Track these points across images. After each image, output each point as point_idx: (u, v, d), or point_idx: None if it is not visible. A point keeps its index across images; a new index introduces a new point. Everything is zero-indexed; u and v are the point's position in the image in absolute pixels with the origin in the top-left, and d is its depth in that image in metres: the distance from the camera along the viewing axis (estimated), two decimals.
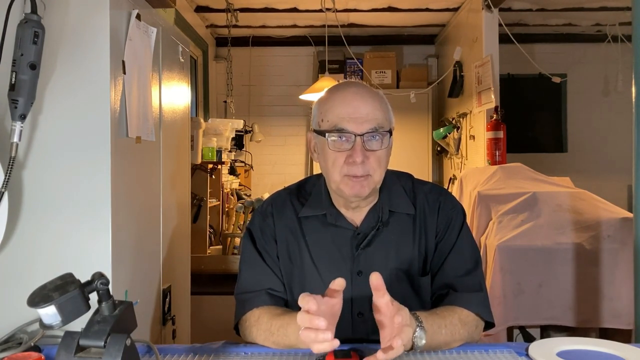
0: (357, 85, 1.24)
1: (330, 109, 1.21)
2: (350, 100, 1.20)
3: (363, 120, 1.18)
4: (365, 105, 1.19)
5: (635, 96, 1.62)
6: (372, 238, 1.27)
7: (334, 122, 1.19)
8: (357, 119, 1.18)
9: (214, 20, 4.83)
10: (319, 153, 1.27)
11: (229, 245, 3.48)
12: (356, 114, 1.18)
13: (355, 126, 1.18)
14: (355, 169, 1.18)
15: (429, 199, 1.32)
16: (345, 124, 1.18)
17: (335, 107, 1.21)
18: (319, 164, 1.29)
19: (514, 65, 4.74)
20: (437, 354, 1.14)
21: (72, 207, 1.32)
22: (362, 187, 1.20)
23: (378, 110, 1.20)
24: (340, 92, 1.23)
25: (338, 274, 1.26)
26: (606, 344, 1.17)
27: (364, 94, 1.21)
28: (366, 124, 1.18)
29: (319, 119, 1.24)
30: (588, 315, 2.39)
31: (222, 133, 3.58)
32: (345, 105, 1.19)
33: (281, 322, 1.16)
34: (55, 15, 1.30)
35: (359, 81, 1.31)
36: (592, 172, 5.00)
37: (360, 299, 1.24)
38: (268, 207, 1.35)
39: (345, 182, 1.20)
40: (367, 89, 1.24)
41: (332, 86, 1.30)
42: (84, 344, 0.93)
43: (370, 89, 1.25)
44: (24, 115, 1.23)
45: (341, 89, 1.24)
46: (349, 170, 1.19)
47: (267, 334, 1.18)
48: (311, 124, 1.30)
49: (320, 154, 1.26)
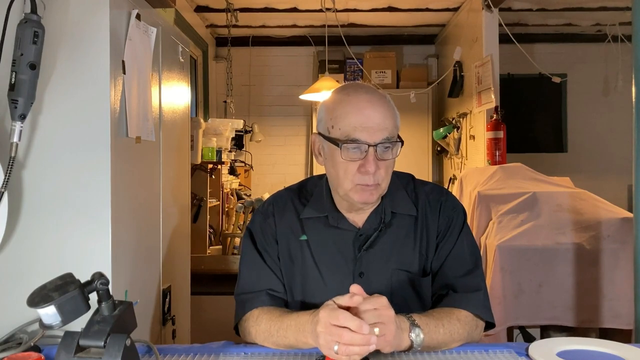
0: (367, 91, 1.22)
1: (341, 117, 1.19)
2: (363, 108, 1.18)
3: (376, 130, 1.17)
4: (377, 114, 1.18)
5: (635, 96, 1.62)
6: (374, 240, 1.27)
7: (346, 131, 1.17)
8: (370, 128, 1.16)
9: (214, 20, 4.83)
10: (326, 158, 1.26)
11: (229, 245, 3.48)
12: (369, 123, 1.16)
13: (368, 136, 1.16)
14: (368, 179, 1.18)
15: (430, 200, 1.32)
16: (358, 135, 1.16)
17: (347, 115, 1.18)
18: (325, 168, 1.28)
19: (514, 65, 4.74)
20: (437, 354, 1.14)
21: (72, 207, 1.32)
22: (372, 195, 1.20)
23: (389, 118, 1.19)
24: (352, 99, 1.20)
25: (340, 276, 1.27)
26: (606, 344, 1.17)
27: (375, 101, 1.19)
28: (379, 133, 1.17)
29: (329, 124, 1.21)
30: (588, 315, 2.39)
31: (222, 133, 3.58)
32: (358, 114, 1.17)
33: (281, 323, 1.16)
34: (55, 15, 1.30)
35: (367, 84, 1.29)
36: (592, 172, 5.00)
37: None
38: (269, 207, 1.35)
39: (356, 190, 1.20)
40: (377, 95, 1.22)
41: (340, 88, 1.27)
42: (84, 344, 0.93)
43: (380, 93, 1.23)
44: (24, 115, 1.23)
45: (352, 94, 1.21)
46: (360, 179, 1.19)
47: (267, 334, 1.18)
48: (316, 127, 1.28)
49: (328, 160, 1.25)
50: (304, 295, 1.29)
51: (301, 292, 1.29)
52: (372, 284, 1.24)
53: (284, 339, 1.15)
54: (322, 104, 1.27)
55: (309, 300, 1.28)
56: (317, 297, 1.24)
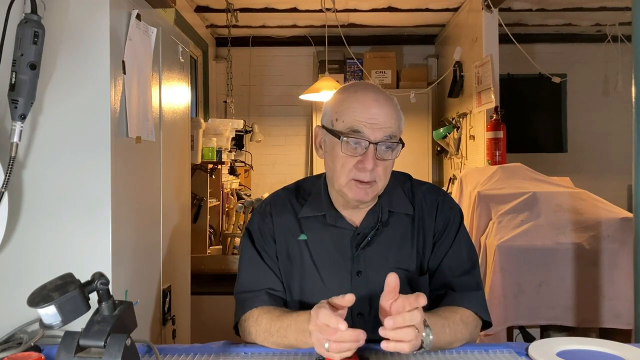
0: (375, 91, 1.23)
1: (347, 111, 1.20)
2: (369, 106, 1.19)
3: (379, 128, 1.18)
4: (382, 113, 1.19)
5: (635, 96, 1.62)
6: (371, 238, 1.28)
7: (350, 124, 1.19)
8: (373, 125, 1.18)
9: (214, 20, 4.83)
10: (326, 151, 1.27)
11: (229, 245, 3.48)
12: (373, 120, 1.18)
13: (371, 132, 1.18)
14: (364, 175, 1.19)
15: (427, 199, 1.33)
16: (362, 128, 1.18)
17: (353, 109, 1.20)
18: (324, 161, 1.29)
19: (514, 65, 4.74)
20: (437, 354, 1.14)
21: (72, 207, 1.32)
22: (367, 193, 1.21)
23: (393, 119, 1.21)
24: (359, 95, 1.21)
25: (338, 274, 1.27)
26: (606, 344, 1.17)
27: (382, 101, 1.21)
28: (381, 131, 1.18)
29: (333, 117, 1.23)
30: (588, 315, 2.39)
31: (222, 133, 3.58)
32: (363, 110, 1.19)
33: (280, 323, 1.16)
34: (55, 15, 1.30)
35: (376, 85, 1.30)
36: (592, 172, 5.00)
37: (360, 299, 1.23)
38: (267, 207, 1.35)
39: (350, 186, 1.21)
40: (385, 96, 1.23)
41: (349, 85, 1.29)
42: (84, 344, 0.93)
43: (387, 95, 1.24)
44: (24, 115, 1.23)
45: (360, 91, 1.23)
46: (356, 175, 1.20)
47: (267, 334, 1.18)
48: (321, 120, 1.29)
49: (328, 153, 1.26)
50: (302, 294, 1.29)
51: (299, 291, 1.30)
52: (370, 282, 1.25)
53: (284, 338, 1.15)
54: (329, 98, 1.29)
55: (308, 299, 1.28)
56: (316, 295, 1.23)
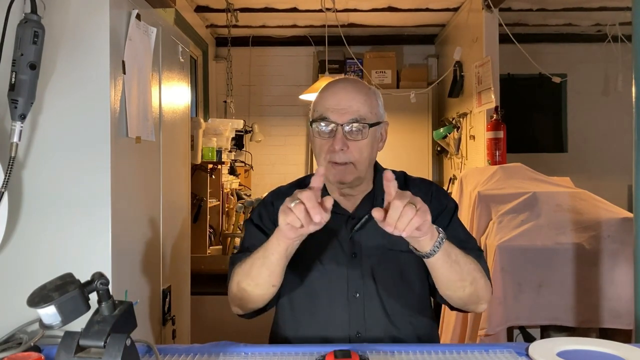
0: (346, 81, 1.34)
1: (319, 101, 1.32)
2: (336, 93, 1.30)
3: (345, 112, 1.26)
4: (348, 98, 1.28)
5: (635, 96, 1.62)
6: (365, 222, 1.31)
7: (320, 111, 1.29)
8: (340, 109, 1.27)
9: (214, 20, 4.83)
10: (311, 142, 1.36)
11: (229, 245, 3.48)
12: (339, 105, 1.27)
13: (337, 116, 1.26)
14: (337, 157, 1.26)
15: (422, 188, 1.38)
16: (329, 114, 1.27)
17: (323, 99, 1.31)
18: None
19: (514, 65, 4.73)
20: (437, 354, 1.13)
21: (72, 207, 1.32)
22: (344, 174, 1.28)
23: (361, 103, 1.28)
24: (330, 86, 1.33)
25: (334, 257, 1.32)
26: (606, 344, 1.17)
27: (349, 88, 1.30)
28: (347, 114, 1.26)
29: (311, 110, 1.34)
30: (588, 315, 2.39)
31: (222, 133, 3.58)
32: (331, 98, 1.29)
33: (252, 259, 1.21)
34: (55, 15, 1.30)
35: (354, 77, 1.39)
36: (592, 172, 5.00)
37: (355, 279, 1.30)
38: (268, 197, 1.44)
39: (329, 169, 1.28)
40: (355, 83, 1.32)
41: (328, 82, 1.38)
42: (84, 344, 0.93)
43: (361, 84, 1.33)
44: (23, 115, 1.23)
45: (332, 83, 1.34)
46: (331, 157, 1.27)
47: (243, 275, 1.23)
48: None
49: (312, 144, 1.36)
50: (301, 276, 1.32)
51: (298, 273, 1.32)
52: (365, 264, 1.30)
53: (257, 267, 1.19)
54: None
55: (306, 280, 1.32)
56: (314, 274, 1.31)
